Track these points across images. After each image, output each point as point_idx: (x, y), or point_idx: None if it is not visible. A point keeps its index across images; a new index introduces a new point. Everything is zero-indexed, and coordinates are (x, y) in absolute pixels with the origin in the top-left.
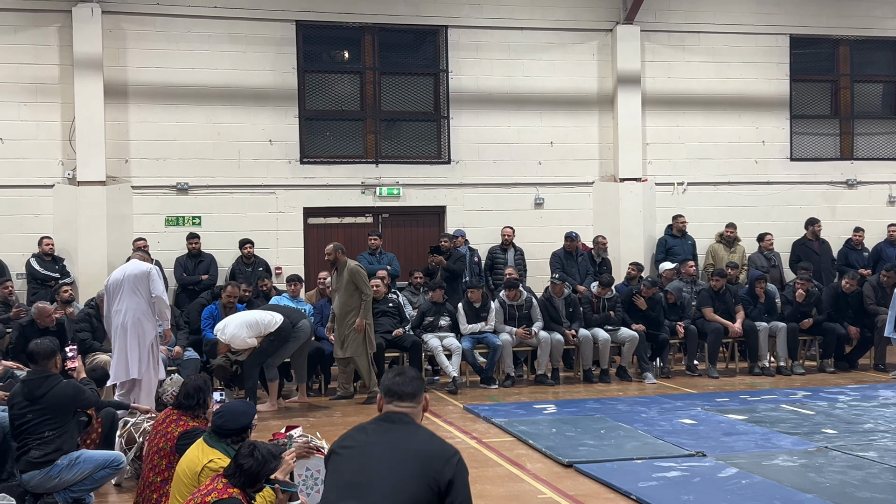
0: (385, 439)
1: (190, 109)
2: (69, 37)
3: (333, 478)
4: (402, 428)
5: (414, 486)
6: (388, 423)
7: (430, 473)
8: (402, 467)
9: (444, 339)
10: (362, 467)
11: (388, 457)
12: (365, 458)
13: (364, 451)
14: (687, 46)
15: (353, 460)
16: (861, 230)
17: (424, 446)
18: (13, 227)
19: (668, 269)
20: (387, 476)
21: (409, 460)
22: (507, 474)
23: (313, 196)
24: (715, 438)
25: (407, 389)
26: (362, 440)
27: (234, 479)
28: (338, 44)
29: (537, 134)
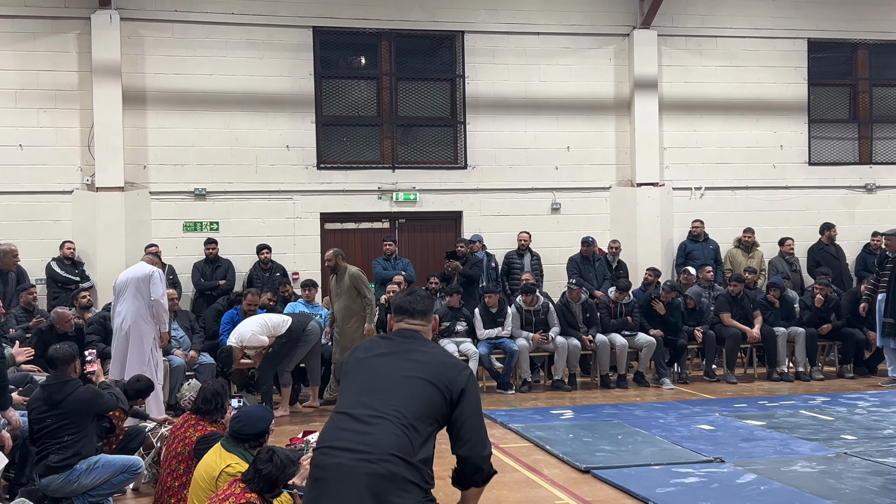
0: (398, 349)
1: (207, 115)
2: (88, 43)
3: (348, 384)
4: (414, 341)
5: (429, 391)
6: (400, 337)
7: (443, 380)
8: (417, 374)
9: (460, 344)
10: (378, 374)
11: (402, 364)
12: (380, 366)
13: (378, 360)
14: (704, 51)
15: (367, 368)
16: (880, 235)
17: (438, 357)
18: (32, 232)
19: (691, 272)
20: (402, 381)
21: (422, 368)
22: (524, 480)
23: (330, 201)
24: (733, 444)
25: (418, 307)
26: (375, 351)
27: (253, 485)
28: (354, 50)
29: (554, 139)
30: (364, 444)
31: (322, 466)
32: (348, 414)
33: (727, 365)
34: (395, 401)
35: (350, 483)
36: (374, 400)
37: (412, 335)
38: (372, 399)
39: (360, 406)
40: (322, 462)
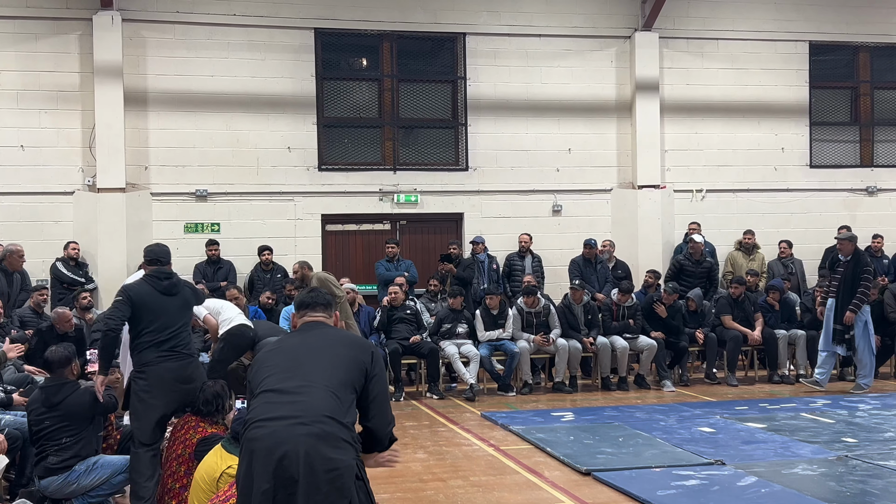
0: (311, 335)
1: (209, 117)
2: (90, 45)
3: (266, 370)
4: (323, 327)
5: (348, 362)
6: (308, 327)
7: (358, 356)
8: (335, 347)
9: (461, 346)
10: (296, 353)
11: (317, 343)
12: (296, 346)
13: (292, 341)
14: (706, 53)
15: (283, 352)
16: (880, 237)
17: (348, 337)
18: (34, 233)
19: (699, 241)
20: (322, 355)
21: (338, 345)
22: (524, 482)
23: (331, 203)
24: (734, 447)
25: (319, 301)
26: (287, 340)
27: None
28: (356, 51)
29: (555, 141)
30: (296, 410)
31: (256, 438)
32: (275, 390)
33: (728, 367)
34: (320, 371)
35: (288, 446)
36: (298, 374)
37: (317, 324)
38: (296, 374)
39: (286, 381)
40: (256, 434)
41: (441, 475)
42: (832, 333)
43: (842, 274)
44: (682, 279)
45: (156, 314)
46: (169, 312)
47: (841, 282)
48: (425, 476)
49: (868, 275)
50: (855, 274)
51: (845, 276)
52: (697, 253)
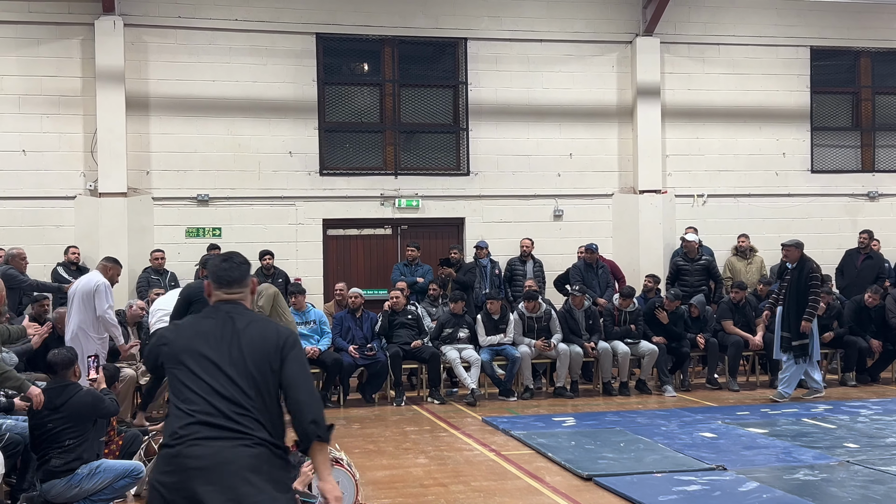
0: (224, 334)
1: (210, 121)
2: (91, 49)
3: (183, 378)
4: (238, 318)
5: (258, 363)
6: (224, 313)
7: (269, 350)
8: (246, 349)
9: (462, 350)
10: (212, 370)
11: (229, 340)
12: (210, 345)
13: (207, 350)
14: (707, 58)
15: (199, 363)
16: (876, 241)
17: (261, 330)
18: (35, 238)
19: (692, 240)
20: (235, 357)
21: (249, 341)
22: (526, 487)
23: (333, 207)
24: (735, 452)
25: (234, 275)
26: (203, 343)
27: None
28: (357, 56)
29: (556, 146)
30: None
31: (194, 456)
32: (204, 423)
33: (729, 372)
34: (230, 375)
35: (231, 467)
36: (212, 377)
37: (234, 308)
38: (210, 375)
39: (210, 406)
40: (191, 452)
41: (442, 480)
42: (780, 341)
43: (788, 282)
44: (680, 279)
45: None
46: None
47: (788, 289)
48: (426, 481)
49: (816, 282)
50: (801, 281)
51: (792, 284)
52: (692, 251)
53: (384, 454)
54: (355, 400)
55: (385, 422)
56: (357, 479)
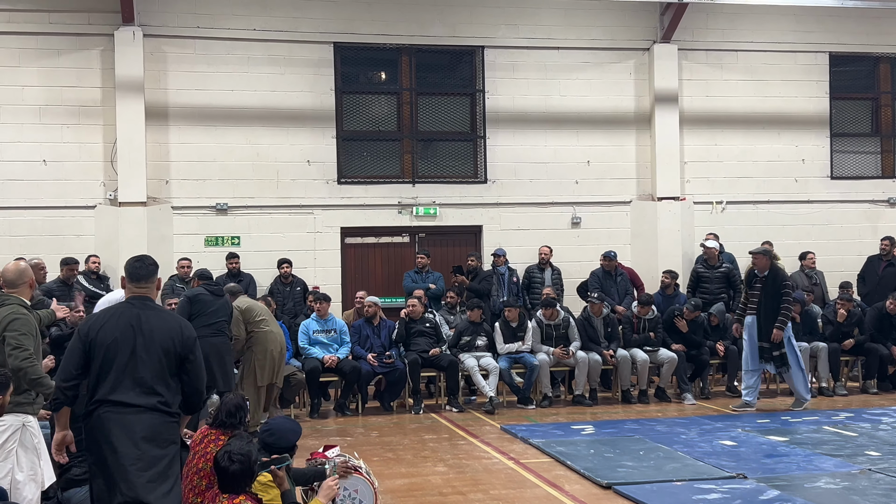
0: (136, 324)
1: (229, 131)
2: (111, 60)
3: (105, 365)
4: (147, 311)
5: (165, 355)
6: (137, 308)
7: (176, 343)
8: (156, 343)
9: (480, 358)
10: (123, 348)
11: (144, 343)
12: (125, 341)
13: (123, 334)
14: (725, 65)
15: (120, 353)
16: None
17: (168, 324)
18: (56, 247)
19: (712, 246)
20: (147, 351)
21: (158, 337)
22: (545, 495)
23: (351, 216)
24: (756, 460)
25: (143, 272)
26: (119, 325)
27: (235, 489)
28: (375, 65)
29: (574, 153)
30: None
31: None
32: (121, 402)
33: None
34: (144, 368)
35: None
36: (127, 371)
37: (144, 302)
38: (125, 368)
39: (128, 391)
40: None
41: (461, 489)
42: (759, 352)
43: (760, 290)
44: (700, 286)
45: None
46: None
47: (761, 298)
48: (445, 489)
49: (788, 290)
50: (775, 289)
51: (765, 292)
52: (713, 258)
53: (403, 462)
54: (374, 408)
55: (403, 430)
56: (376, 487)
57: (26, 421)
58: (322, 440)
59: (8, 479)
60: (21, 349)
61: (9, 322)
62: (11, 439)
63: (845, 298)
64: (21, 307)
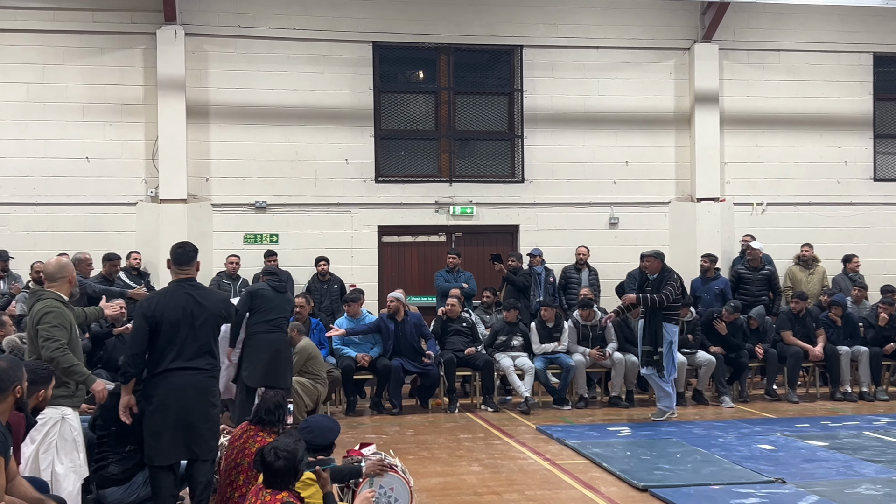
0: (188, 299)
1: (269, 129)
2: (153, 58)
3: (164, 334)
4: (196, 289)
5: (215, 325)
6: (186, 288)
7: (220, 310)
8: (208, 316)
9: (516, 358)
10: (184, 322)
11: (193, 310)
12: (185, 317)
13: (183, 311)
14: (767, 65)
15: (176, 320)
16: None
17: (214, 299)
18: (97, 243)
19: (757, 248)
20: (203, 324)
21: (209, 311)
22: (580, 497)
23: (388, 214)
24: (795, 465)
25: (185, 258)
26: (177, 304)
27: (278, 484)
28: (413, 64)
29: (612, 153)
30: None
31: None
32: (186, 367)
33: (789, 384)
34: (205, 343)
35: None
36: (196, 350)
37: (191, 283)
38: (194, 351)
39: (191, 358)
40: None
41: (496, 488)
42: (640, 356)
43: (650, 293)
44: (741, 288)
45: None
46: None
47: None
48: (480, 489)
49: (671, 286)
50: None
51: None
52: (756, 260)
53: (438, 461)
54: (409, 406)
55: (439, 429)
56: (411, 485)
57: (65, 414)
58: (358, 438)
59: (49, 471)
60: (52, 340)
61: (42, 315)
62: (52, 432)
63: (887, 302)
64: (56, 301)
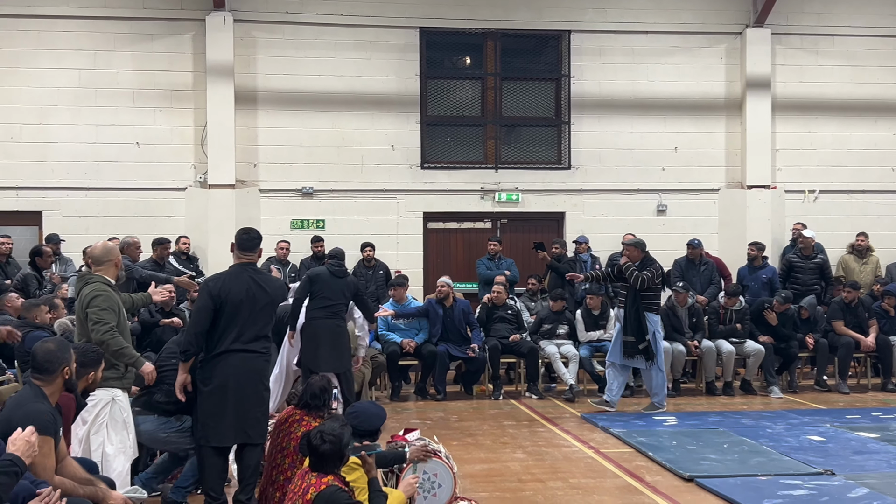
0: (250, 282)
1: (316, 115)
2: (202, 44)
3: (226, 314)
4: (257, 274)
5: (271, 310)
6: (248, 272)
7: (279, 295)
8: (267, 301)
9: (561, 346)
10: (246, 304)
11: (255, 293)
12: (248, 299)
13: (246, 294)
14: (820, 50)
15: (239, 302)
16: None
17: (272, 282)
18: (147, 228)
19: (810, 236)
20: (262, 307)
21: (269, 296)
22: (625, 486)
23: (433, 201)
24: (845, 457)
25: (249, 243)
26: (241, 287)
27: (324, 468)
28: (460, 50)
29: (661, 139)
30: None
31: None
32: (244, 350)
33: (839, 374)
34: (263, 326)
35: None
36: (247, 323)
37: (252, 268)
38: (253, 333)
39: (249, 340)
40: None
41: (540, 476)
42: (623, 347)
43: (631, 283)
44: (793, 277)
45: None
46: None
47: (629, 291)
48: (524, 476)
49: (651, 269)
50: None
51: (631, 286)
52: (808, 248)
53: (482, 448)
54: (454, 392)
55: (483, 415)
56: (455, 471)
57: (115, 395)
58: (402, 423)
59: (99, 451)
60: (101, 323)
61: (91, 299)
62: (102, 413)
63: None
64: (104, 285)
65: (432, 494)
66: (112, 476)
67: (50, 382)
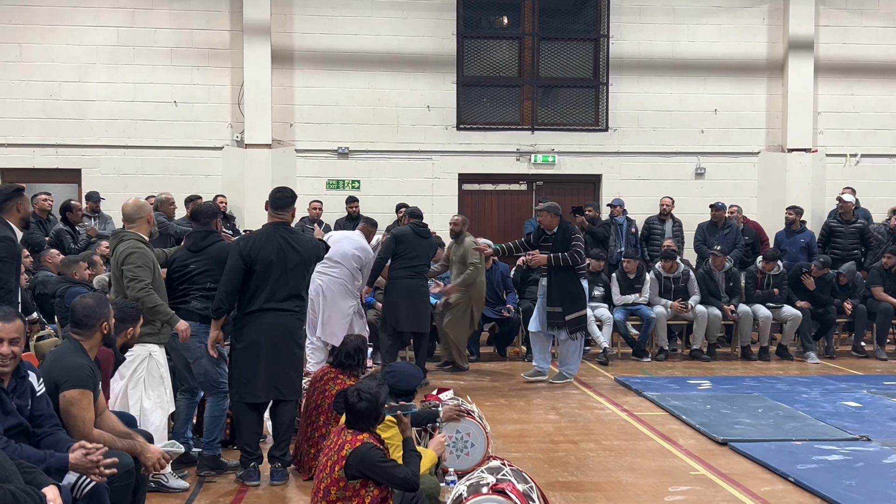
0: (282, 242)
1: (351, 75)
2: (239, 3)
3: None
4: (291, 234)
5: (306, 269)
6: (281, 232)
7: (312, 255)
8: (301, 260)
9: (595, 308)
10: (278, 264)
11: (286, 253)
12: (280, 259)
13: (277, 253)
14: (865, 10)
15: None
16: None
17: (304, 242)
18: (185, 186)
19: (849, 200)
20: (295, 266)
21: (302, 255)
22: (658, 448)
23: (468, 162)
24: (881, 423)
25: (282, 202)
26: (273, 246)
27: (360, 425)
28: (497, 9)
29: (700, 101)
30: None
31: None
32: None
33: (877, 340)
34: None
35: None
36: (281, 279)
37: (286, 227)
38: (278, 277)
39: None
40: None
41: (573, 437)
42: (548, 317)
43: (550, 250)
44: (832, 241)
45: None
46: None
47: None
48: (557, 437)
49: (578, 242)
50: (564, 247)
51: (554, 252)
52: (847, 213)
53: (514, 408)
54: (487, 353)
55: (515, 377)
56: (488, 431)
57: (152, 351)
58: (436, 383)
59: (137, 406)
60: (137, 280)
61: (126, 256)
62: (140, 368)
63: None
64: (138, 242)
65: (465, 454)
66: (150, 430)
67: (89, 337)
